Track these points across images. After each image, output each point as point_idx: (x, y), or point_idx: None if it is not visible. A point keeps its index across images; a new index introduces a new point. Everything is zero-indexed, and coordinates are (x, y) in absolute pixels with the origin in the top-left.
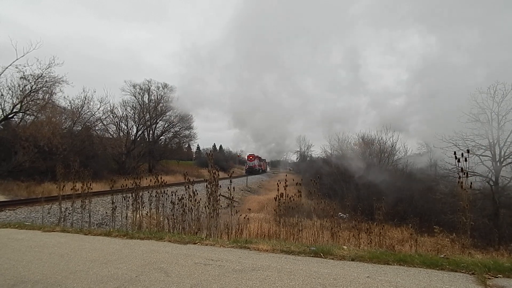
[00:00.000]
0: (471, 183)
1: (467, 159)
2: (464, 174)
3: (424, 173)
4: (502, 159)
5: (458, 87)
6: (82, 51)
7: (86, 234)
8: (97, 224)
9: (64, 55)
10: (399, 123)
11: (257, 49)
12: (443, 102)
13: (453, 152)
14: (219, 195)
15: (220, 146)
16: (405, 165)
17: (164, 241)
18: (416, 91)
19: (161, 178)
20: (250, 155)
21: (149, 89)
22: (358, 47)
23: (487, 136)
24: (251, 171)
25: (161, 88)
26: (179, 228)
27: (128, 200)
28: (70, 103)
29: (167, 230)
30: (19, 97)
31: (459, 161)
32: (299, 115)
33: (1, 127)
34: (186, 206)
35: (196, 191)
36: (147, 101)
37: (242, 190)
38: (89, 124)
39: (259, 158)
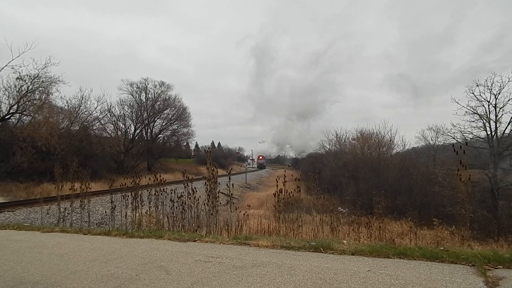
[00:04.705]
0: (470, 175)
1: (465, 151)
2: (462, 166)
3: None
4: (500, 151)
5: None
6: (77, 46)
7: (86, 234)
8: (96, 224)
9: (58, 51)
10: None
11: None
12: None
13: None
14: (218, 192)
15: (219, 143)
16: (404, 158)
17: (164, 239)
18: None
19: (160, 176)
20: (260, 155)
21: (146, 87)
22: None
23: (485, 128)
24: (261, 167)
25: (158, 86)
26: (178, 226)
27: (127, 199)
28: (67, 102)
29: (166, 228)
30: (16, 97)
31: (457, 153)
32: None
33: None
34: (185, 204)
35: (195, 188)
36: (144, 100)
37: (241, 187)
38: (86, 123)
39: (264, 157)
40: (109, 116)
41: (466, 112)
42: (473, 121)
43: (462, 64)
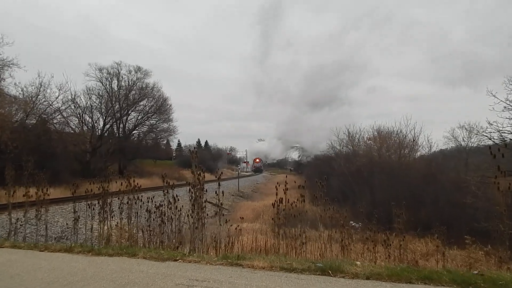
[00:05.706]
0: (510, 184)
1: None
2: (501, 173)
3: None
4: None
5: None
6: (35, 24)
7: (42, 250)
8: (55, 238)
9: (12, 29)
10: None
11: None
12: None
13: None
14: (205, 202)
15: (206, 142)
16: (430, 162)
17: (138, 257)
18: None
19: (134, 181)
20: (256, 158)
21: (119, 73)
22: None
23: None
24: (257, 171)
25: (133, 72)
26: (156, 242)
27: (93, 209)
28: (22, 90)
29: (141, 245)
30: None
31: (494, 157)
32: None
33: None
34: (164, 215)
35: (177, 196)
36: (116, 88)
37: (233, 195)
38: (45, 116)
39: (261, 160)
40: (73, 107)
41: (504, 107)
42: None
43: None
